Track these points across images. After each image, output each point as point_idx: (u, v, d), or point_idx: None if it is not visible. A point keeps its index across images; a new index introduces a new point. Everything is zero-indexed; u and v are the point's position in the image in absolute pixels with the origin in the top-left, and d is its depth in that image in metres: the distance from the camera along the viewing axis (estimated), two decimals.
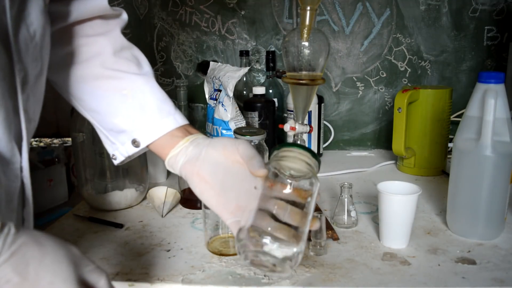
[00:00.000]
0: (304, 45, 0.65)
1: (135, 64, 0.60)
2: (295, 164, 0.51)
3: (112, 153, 0.61)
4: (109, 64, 0.58)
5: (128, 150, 0.59)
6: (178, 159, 0.55)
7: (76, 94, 0.59)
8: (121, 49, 0.60)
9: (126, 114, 0.58)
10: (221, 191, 0.52)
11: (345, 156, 1.26)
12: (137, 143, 0.58)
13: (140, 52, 0.62)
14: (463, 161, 0.72)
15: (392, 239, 0.71)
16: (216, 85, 1.09)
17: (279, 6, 1.25)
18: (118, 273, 0.64)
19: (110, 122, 0.59)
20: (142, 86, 0.58)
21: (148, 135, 0.57)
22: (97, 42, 0.59)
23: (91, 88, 0.58)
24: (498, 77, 0.69)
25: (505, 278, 0.61)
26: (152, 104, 0.58)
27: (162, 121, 0.57)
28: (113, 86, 0.58)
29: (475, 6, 1.22)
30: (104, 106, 0.58)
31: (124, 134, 0.58)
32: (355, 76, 1.28)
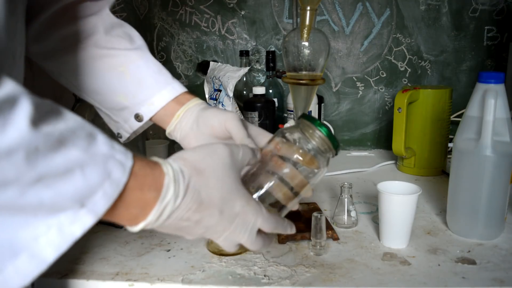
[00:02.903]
0: (304, 45, 0.65)
1: (127, 40, 0.60)
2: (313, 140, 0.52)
3: (117, 131, 0.62)
4: (102, 43, 0.59)
5: (132, 126, 0.60)
6: (175, 135, 0.58)
7: (74, 78, 0.60)
8: (112, 27, 0.60)
9: (125, 90, 0.59)
10: None
11: (345, 156, 1.26)
12: (140, 117, 0.59)
13: (131, 28, 0.63)
14: (463, 161, 0.72)
15: (392, 239, 0.71)
16: (216, 85, 1.09)
17: (279, 6, 1.25)
18: (118, 273, 0.64)
19: (110, 101, 0.60)
20: (136, 61, 0.59)
21: (149, 108, 0.58)
22: (88, 23, 0.59)
23: (87, 70, 0.59)
24: (498, 77, 0.69)
25: (505, 278, 0.61)
26: (148, 77, 0.59)
27: (160, 93, 0.58)
28: (109, 65, 0.58)
29: (475, 6, 1.22)
30: (103, 86, 0.59)
31: (126, 110, 0.59)
32: (355, 76, 1.28)
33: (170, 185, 0.39)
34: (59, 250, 0.34)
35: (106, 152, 0.36)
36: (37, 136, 0.31)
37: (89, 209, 0.35)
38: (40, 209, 0.33)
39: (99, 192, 0.35)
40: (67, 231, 0.34)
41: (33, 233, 0.33)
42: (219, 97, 1.07)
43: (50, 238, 0.33)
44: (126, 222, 0.39)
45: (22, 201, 0.31)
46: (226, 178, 0.44)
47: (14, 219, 0.32)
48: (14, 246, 0.33)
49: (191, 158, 0.43)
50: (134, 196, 0.38)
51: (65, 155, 0.33)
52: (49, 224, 0.33)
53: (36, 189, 0.32)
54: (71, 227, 0.34)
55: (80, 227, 0.34)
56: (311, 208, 0.82)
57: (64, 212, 0.34)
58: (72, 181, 0.33)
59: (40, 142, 0.31)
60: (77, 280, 0.63)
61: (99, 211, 0.35)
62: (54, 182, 0.32)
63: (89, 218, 0.35)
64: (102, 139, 0.37)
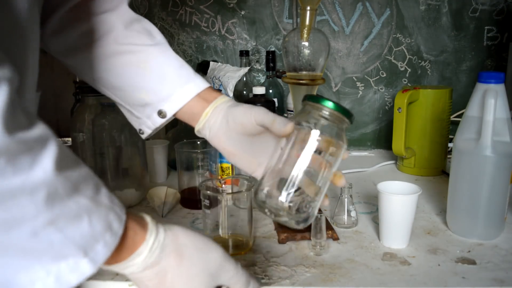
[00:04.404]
0: (304, 45, 0.65)
1: (146, 35, 0.60)
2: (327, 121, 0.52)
3: (139, 127, 0.61)
4: (122, 39, 0.58)
5: (155, 122, 0.59)
6: (204, 133, 0.58)
7: (95, 74, 0.59)
8: (131, 23, 0.60)
9: (148, 87, 0.58)
10: (251, 159, 0.56)
11: None
12: (164, 113, 0.58)
13: (150, 23, 0.62)
14: (463, 161, 0.72)
15: (392, 239, 0.71)
16: (216, 85, 1.09)
17: (279, 6, 1.25)
18: (118, 273, 0.64)
19: (133, 97, 0.59)
20: (157, 57, 0.58)
21: (172, 104, 0.58)
22: (106, 19, 0.58)
23: (108, 66, 0.58)
24: (498, 77, 0.69)
25: (505, 278, 0.61)
26: (170, 72, 0.58)
27: (183, 89, 0.57)
28: (129, 61, 0.58)
29: (475, 6, 1.22)
30: (125, 82, 0.58)
31: (149, 107, 0.59)
32: (355, 76, 1.28)
33: (143, 252, 0.40)
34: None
35: (108, 203, 0.37)
36: (59, 179, 0.32)
37: (90, 258, 0.35)
38: (46, 253, 0.33)
39: (101, 242, 0.36)
40: (64, 279, 0.34)
41: (31, 277, 0.33)
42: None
43: (47, 284, 0.33)
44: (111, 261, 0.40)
45: (32, 243, 0.32)
46: (200, 281, 0.44)
47: (18, 261, 0.32)
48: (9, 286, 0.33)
49: (183, 240, 0.43)
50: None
51: (77, 201, 0.34)
52: (49, 270, 0.33)
53: (48, 232, 0.32)
54: (69, 276, 0.34)
55: (78, 276, 0.34)
56: None
57: (66, 260, 0.34)
58: (79, 227, 0.34)
59: (60, 185, 0.33)
60: None
61: (99, 260, 0.36)
62: (66, 226, 0.33)
63: (88, 267, 0.35)
64: (105, 191, 0.38)
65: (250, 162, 0.57)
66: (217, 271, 0.45)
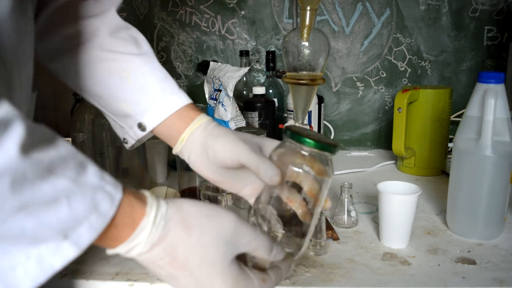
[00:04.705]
0: (304, 45, 0.65)
1: (133, 44, 0.58)
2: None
3: (123, 136, 0.59)
4: (106, 45, 0.56)
5: (136, 134, 0.57)
6: (183, 157, 0.55)
7: (77, 80, 0.57)
8: (117, 30, 0.58)
9: (128, 97, 0.55)
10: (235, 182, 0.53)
11: (345, 156, 1.26)
12: (143, 127, 0.56)
13: (138, 32, 0.60)
14: (463, 161, 0.72)
15: (392, 239, 0.71)
16: (216, 85, 1.09)
17: (279, 6, 1.25)
18: (118, 273, 0.64)
19: (114, 106, 0.57)
20: (141, 67, 0.56)
21: (152, 118, 0.55)
22: (92, 24, 0.57)
23: (90, 73, 0.56)
24: (498, 77, 0.69)
25: (505, 278, 0.61)
26: (152, 84, 0.55)
27: (163, 103, 0.55)
28: (112, 69, 0.56)
29: (475, 6, 1.22)
30: (106, 91, 0.56)
31: (130, 118, 0.56)
32: (355, 76, 1.28)
33: (147, 227, 0.38)
34: (36, 281, 0.32)
35: (95, 183, 0.35)
36: (25, 163, 0.30)
37: (72, 241, 0.33)
38: (21, 238, 0.31)
39: (85, 224, 0.34)
40: (47, 263, 0.32)
41: (10, 262, 0.31)
42: (219, 97, 1.07)
43: (28, 269, 0.32)
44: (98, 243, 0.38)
45: (2, 229, 0.30)
46: (214, 250, 0.40)
47: None
48: None
49: (187, 210, 0.40)
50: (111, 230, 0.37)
51: (53, 184, 0.32)
52: (29, 254, 0.32)
53: (18, 218, 0.30)
54: (51, 259, 0.33)
55: (61, 259, 0.33)
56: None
57: (46, 243, 0.32)
58: (57, 211, 0.32)
59: (28, 169, 0.30)
60: (77, 280, 0.63)
61: (83, 243, 0.34)
62: (38, 211, 0.31)
63: (71, 250, 0.33)
64: (93, 169, 0.36)
65: (233, 185, 0.54)
66: (233, 237, 0.40)
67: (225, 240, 0.40)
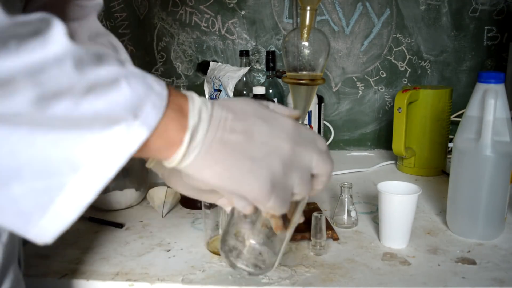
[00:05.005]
0: (304, 45, 0.65)
1: (111, 51, 0.57)
2: None
3: None
4: None
5: None
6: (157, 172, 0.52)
7: None
8: (96, 35, 0.58)
9: None
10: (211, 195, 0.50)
11: (345, 156, 1.26)
12: None
13: (117, 41, 0.60)
14: (463, 161, 0.72)
15: (392, 239, 0.71)
16: (216, 85, 1.09)
17: (279, 6, 1.25)
18: (118, 273, 0.64)
19: None
20: None
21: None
22: (72, 27, 0.56)
23: None
24: (498, 77, 0.69)
25: (505, 278, 0.61)
26: None
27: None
28: None
29: (475, 6, 1.22)
30: None
31: None
32: (355, 76, 1.28)
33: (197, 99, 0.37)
34: (117, 164, 0.32)
35: (139, 71, 0.35)
36: (78, 48, 0.31)
37: (142, 120, 0.33)
38: (95, 121, 0.31)
39: (148, 103, 0.33)
40: (123, 145, 0.32)
41: (89, 148, 0.31)
42: (219, 97, 1.07)
43: (107, 152, 0.32)
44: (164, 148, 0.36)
45: (77, 113, 0.30)
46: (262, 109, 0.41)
47: (69, 135, 0.31)
48: (72, 162, 0.31)
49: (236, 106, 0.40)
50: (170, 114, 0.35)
51: (107, 69, 0.32)
52: (105, 138, 0.32)
53: (89, 99, 0.31)
54: (126, 142, 0.32)
55: (135, 141, 0.33)
56: (311, 208, 0.82)
57: (119, 125, 0.32)
58: (120, 91, 0.32)
59: (83, 55, 0.31)
60: (77, 280, 0.63)
61: (152, 122, 0.33)
62: (105, 91, 0.31)
63: (142, 131, 0.33)
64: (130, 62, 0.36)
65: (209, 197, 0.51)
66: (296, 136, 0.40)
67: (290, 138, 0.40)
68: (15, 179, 0.30)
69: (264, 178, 0.38)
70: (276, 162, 0.39)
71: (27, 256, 0.69)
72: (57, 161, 0.31)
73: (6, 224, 0.32)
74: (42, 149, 0.30)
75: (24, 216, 0.31)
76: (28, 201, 0.31)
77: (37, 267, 0.66)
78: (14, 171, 0.30)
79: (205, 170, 0.37)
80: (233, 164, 0.37)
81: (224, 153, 0.37)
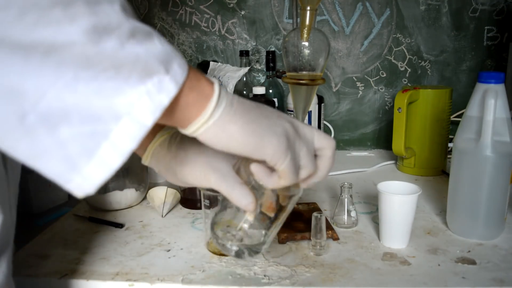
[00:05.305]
0: (304, 45, 0.65)
1: None
2: None
3: None
4: None
5: None
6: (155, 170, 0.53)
7: None
8: None
9: None
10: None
11: (345, 156, 1.26)
12: None
13: None
14: (463, 161, 0.72)
15: (392, 239, 0.71)
16: None
17: (279, 6, 1.25)
18: (118, 273, 0.64)
19: None
20: None
21: None
22: None
23: None
24: (498, 77, 0.69)
25: (505, 278, 0.61)
26: None
27: None
28: None
29: (475, 6, 1.22)
30: None
31: None
32: (355, 76, 1.28)
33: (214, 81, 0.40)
34: (154, 115, 0.34)
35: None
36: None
37: (171, 76, 0.34)
38: (134, 70, 0.32)
39: (175, 61, 0.35)
40: (157, 99, 0.34)
41: (127, 99, 0.32)
42: None
43: (144, 104, 0.33)
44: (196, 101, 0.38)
45: (122, 54, 0.32)
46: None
47: (109, 86, 0.32)
48: (114, 111, 0.32)
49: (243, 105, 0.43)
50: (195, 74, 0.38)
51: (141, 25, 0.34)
52: (140, 91, 0.33)
53: (132, 43, 0.32)
54: (159, 96, 0.34)
55: (167, 95, 0.34)
56: (311, 208, 0.82)
57: (151, 79, 0.33)
58: (154, 44, 0.34)
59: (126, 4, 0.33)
60: (77, 280, 0.63)
61: (179, 79, 0.35)
62: (144, 40, 0.33)
63: (172, 86, 0.34)
64: None
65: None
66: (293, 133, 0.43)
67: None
68: (64, 122, 0.31)
69: (281, 134, 0.41)
70: (287, 125, 0.42)
71: (27, 256, 0.69)
72: (100, 109, 0.32)
73: (49, 171, 0.32)
74: (85, 97, 0.31)
75: (70, 161, 0.32)
76: (75, 145, 0.32)
77: (37, 267, 0.66)
78: (63, 114, 0.31)
79: (231, 126, 0.39)
80: (253, 119, 0.40)
81: (244, 109, 0.40)
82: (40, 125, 0.30)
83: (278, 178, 0.43)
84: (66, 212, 0.88)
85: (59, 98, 0.30)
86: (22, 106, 0.30)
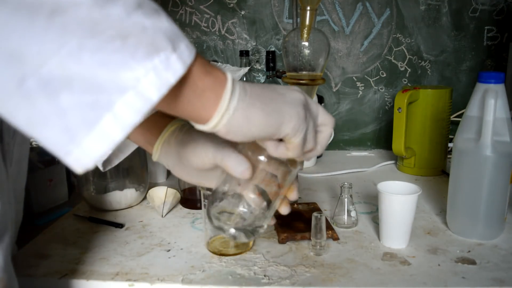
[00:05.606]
0: (304, 45, 0.65)
1: None
2: None
3: None
4: None
5: None
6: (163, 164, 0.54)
7: None
8: None
9: None
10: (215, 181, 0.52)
11: (345, 156, 1.26)
12: None
13: None
14: (463, 161, 0.72)
15: (392, 239, 0.71)
16: None
17: (279, 6, 1.25)
18: (118, 273, 0.64)
19: None
20: None
21: None
22: None
23: None
24: (498, 77, 0.69)
25: (505, 278, 0.61)
26: None
27: None
28: None
29: (475, 6, 1.22)
30: None
31: None
32: (355, 76, 1.28)
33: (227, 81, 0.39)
34: (160, 92, 0.33)
35: None
36: None
37: (178, 55, 0.34)
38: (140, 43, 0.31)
39: (183, 42, 0.35)
40: (163, 76, 0.33)
41: (134, 74, 0.31)
42: None
43: (150, 80, 0.32)
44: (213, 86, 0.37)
45: (128, 22, 0.31)
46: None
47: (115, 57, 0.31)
48: (119, 84, 0.31)
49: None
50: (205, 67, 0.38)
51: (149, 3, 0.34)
52: (146, 67, 0.32)
53: (139, 14, 0.32)
54: (166, 73, 0.33)
55: (173, 74, 0.33)
56: (311, 208, 0.82)
57: (158, 56, 0.32)
58: (162, 20, 0.34)
59: None
60: (77, 280, 0.63)
61: (187, 59, 0.34)
62: (151, 14, 0.33)
63: (179, 65, 0.34)
64: None
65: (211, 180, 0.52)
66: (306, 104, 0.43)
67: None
68: (65, 90, 0.30)
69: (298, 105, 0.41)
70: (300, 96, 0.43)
71: (27, 256, 0.69)
72: (105, 81, 0.31)
73: (48, 141, 0.31)
74: (90, 67, 0.30)
75: (69, 132, 0.30)
76: (76, 114, 0.30)
77: (37, 267, 0.66)
78: (64, 81, 0.30)
79: (251, 110, 0.39)
80: (270, 98, 0.40)
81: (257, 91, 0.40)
82: (39, 91, 0.29)
83: (286, 150, 0.43)
84: (66, 212, 0.88)
85: (61, 66, 0.29)
86: (22, 70, 0.29)
